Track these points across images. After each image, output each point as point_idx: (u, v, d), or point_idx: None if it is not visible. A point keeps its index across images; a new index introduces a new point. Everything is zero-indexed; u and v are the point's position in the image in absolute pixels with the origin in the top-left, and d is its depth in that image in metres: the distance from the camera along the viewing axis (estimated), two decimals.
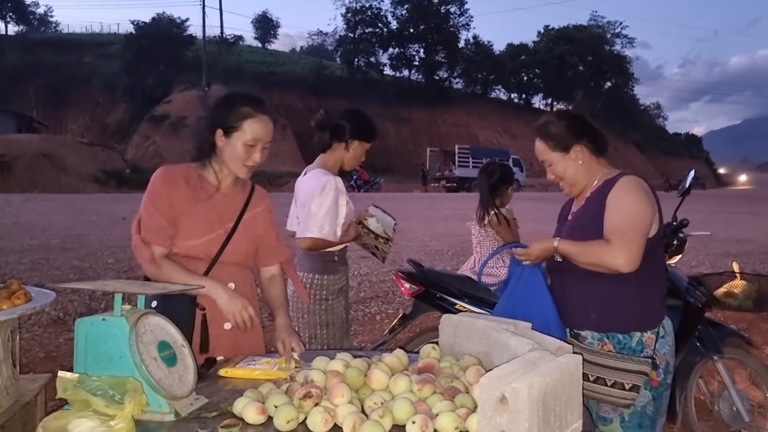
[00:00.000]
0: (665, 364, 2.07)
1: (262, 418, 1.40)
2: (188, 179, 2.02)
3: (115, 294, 1.50)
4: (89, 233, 11.49)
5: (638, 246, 1.95)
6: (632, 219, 1.97)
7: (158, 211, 1.97)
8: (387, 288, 7.15)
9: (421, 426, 1.29)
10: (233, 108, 1.98)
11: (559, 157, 2.17)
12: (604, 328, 2.10)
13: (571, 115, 2.22)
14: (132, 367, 1.41)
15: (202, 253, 2.02)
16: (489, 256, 2.80)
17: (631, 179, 2.06)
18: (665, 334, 2.07)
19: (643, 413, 2.05)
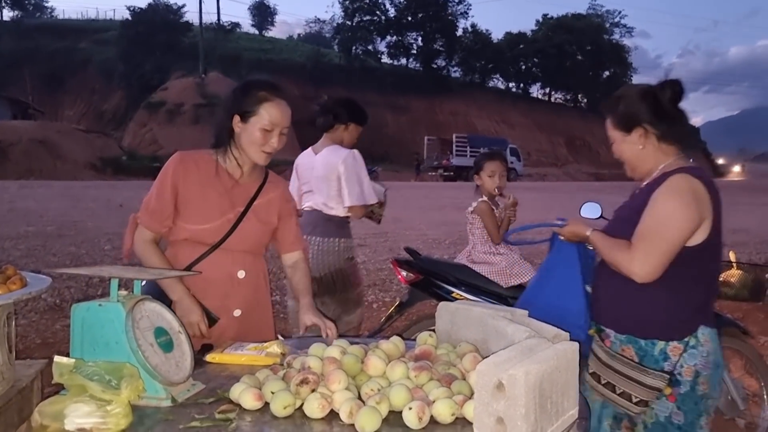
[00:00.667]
0: (693, 374, 1.87)
1: (259, 404, 1.40)
2: (203, 166, 2.04)
3: (111, 279, 1.49)
4: (86, 220, 11.47)
5: (660, 256, 1.80)
6: (662, 226, 1.81)
7: (158, 196, 2.00)
8: (384, 276, 7.16)
9: (417, 412, 1.29)
10: (250, 93, 1.99)
11: (620, 136, 2.02)
12: (624, 330, 1.97)
13: (642, 92, 1.97)
14: (128, 352, 1.41)
15: (211, 238, 2.03)
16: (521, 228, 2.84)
17: (681, 179, 1.85)
18: (697, 345, 1.87)
19: (668, 424, 1.90)
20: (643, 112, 1.94)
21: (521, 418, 1.14)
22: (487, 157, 3.47)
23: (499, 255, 3.35)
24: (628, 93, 2.00)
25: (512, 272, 3.30)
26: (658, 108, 1.93)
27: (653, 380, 1.88)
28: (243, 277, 2.09)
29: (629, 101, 1.98)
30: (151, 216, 2.01)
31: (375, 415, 1.29)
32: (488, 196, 3.40)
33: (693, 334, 1.88)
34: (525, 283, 3.27)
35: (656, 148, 1.97)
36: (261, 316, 2.17)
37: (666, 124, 1.94)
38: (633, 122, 1.97)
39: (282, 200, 2.20)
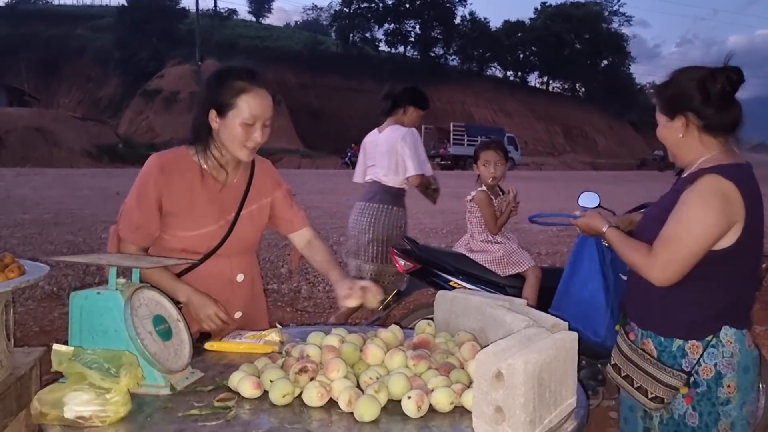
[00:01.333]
0: (713, 375, 1.82)
1: (258, 392, 1.40)
2: (186, 171, 1.90)
3: (110, 268, 1.49)
4: (82, 208, 11.44)
5: (680, 262, 1.74)
6: (686, 233, 1.74)
7: (141, 209, 1.86)
8: None
9: (416, 401, 1.30)
10: (225, 84, 1.82)
11: (663, 120, 1.91)
12: (644, 326, 1.95)
13: (693, 77, 1.82)
14: (127, 340, 1.41)
15: (204, 247, 1.92)
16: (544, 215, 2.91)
17: (711, 181, 1.75)
18: (718, 345, 1.82)
19: (681, 423, 1.87)
20: (688, 99, 1.82)
21: (520, 407, 1.14)
22: (483, 147, 3.47)
23: (496, 244, 3.35)
24: (679, 76, 1.88)
25: (510, 261, 3.30)
26: (706, 97, 1.80)
27: (670, 378, 1.84)
28: (242, 280, 2.03)
29: (677, 85, 1.86)
30: (136, 231, 1.87)
31: (374, 404, 1.30)
32: (487, 185, 3.40)
33: (715, 335, 1.83)
34: (523, 272, 3.27)
35: (696, 139, 1.85)
36: (258, 310, 2.14)
37: (712, 115, 1.81)
38: (676, 108, 1.86)
39: (273, 187, 2.09)
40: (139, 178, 1.89)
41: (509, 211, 3.37)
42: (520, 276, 3.29)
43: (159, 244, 1.93)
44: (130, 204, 1.88)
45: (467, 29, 64.53)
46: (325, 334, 1.66)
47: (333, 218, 11.15)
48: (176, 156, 1.92)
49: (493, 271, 3.32)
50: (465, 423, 1.28)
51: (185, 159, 1.92)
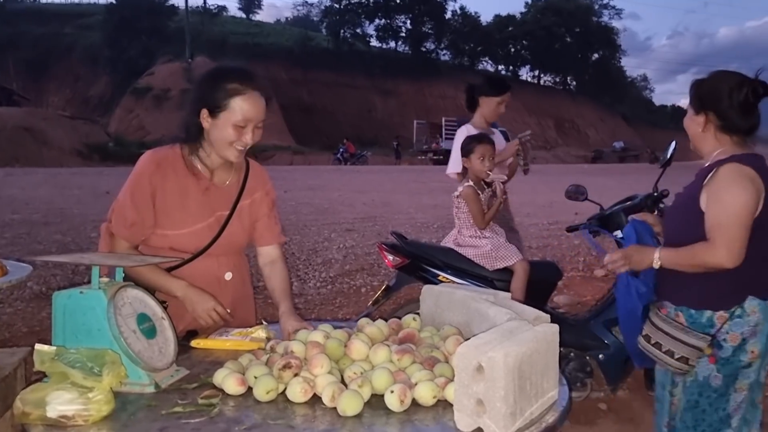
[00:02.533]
0: (739, 342, 2.00)
1: (242, 389, 1.40)
2: (179, 169, 1.89)
3: (92, 267, 1.48)
4: (72, 207, 11.38)
5: (740, 239, 1.91)
6: (733, 214, 1.92)
7: (136, 205, 1.84)
8: (372, 260, 7.17)
9: (399, 395, 1.30)
10: (219, 85, 1.79)
11: (691, 112, 2.13)
12: (677, 301, 2.12)
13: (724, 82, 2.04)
14: (110, 339, 1.41)
15: (193, 246, 1.92)
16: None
17: (732, 169, 1.96)
18: (743, 314, 2.00)
19: (705, 384, 2.05)
20: (714, 101, 2.04)
21: (500, 400, 1.15)
22: (477, 140, 3.43)
23: (484, 239, 3.35)
24: (715, 77, 2.09)
25: (497, 255, 3.31)
26: (730, 102, 2.01)
27: (695, 340, 2.00)
28: (230, 279, 2.03)
29: (709, 86, 2.07)
30: (130, 228, 1.85)
31: (357, 399, 1.30)
32: (475, 179, 3.39)
33: (740, 304, 2.01)
34: (511, 266, 3.28)
35: (713, 136, 2.08)
36: (246, 309, 2.14)
37: (731, 118, 2.03)
38: (702, 105, 2.07)
39: (262, 195, 2.08)
40: (134, 174, 1.88)
41: (497, 205, 3.37)
42: (508, 270, 3.30)
43: (147, 242, 1.92)
44: (123, 201, 1.87)
45: (458, 24, 64.50)
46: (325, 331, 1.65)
47: (325, 214, 11.15)
48: (170, 154, 1.91)
49: (482, 266, 3.33)
50: (448, 416, 1.28)
51: (179, 157, 1.91)
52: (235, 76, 1.81)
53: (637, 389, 3.70)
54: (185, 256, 1.92)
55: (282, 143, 35.80)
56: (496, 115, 3.97)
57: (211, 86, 1.81)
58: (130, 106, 42.01)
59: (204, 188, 1.93)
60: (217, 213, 1.95)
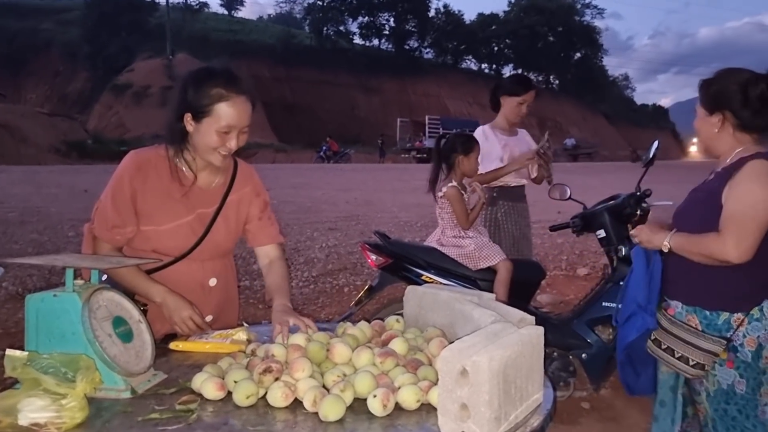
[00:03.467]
0: (757, 346, 1.95)
1: (222, 393, 1.37)
2: (162, 171, 1.84)
3: (66, 269, 1.44)
4: (49, 206, 11.19)
5: (752, 236, 1.86)
6: (749, 209, 1.87)
7: (116, 207, 1.80)
8: (355, 260, 7.14)
9: (382, 400, 1.28)
10: (203, 89, 1.73)
11: (702, 114, 2.08)
12: (692, 302, 2.06)
13: (736, 79, 1.99)
14: (85, 343, 1.37)
15: (174, 247, 1.87)
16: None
17: (758, 165, 1.91)
18: (762, 318, 1.94)
19: (731, 391, 1.99)
20: (728, 100, 1.99)
21: (485, 404, 1.13)
22: (473, 140, 3.44)
23: (468, 238, 3.34)
24: (723, 75, 2.03)
25: (481, 255, 3.29)
26: (745, 99, 1.96)
27: (710, 345, 1.95)
28: (214, 285, 1.98)
29: (721, 84, 2.01)
30: (111, 230, 1.81)
31: (339, 403, 1.28)
32: (459, 179, 3.37)
33: (758, 307, 1.95)
34: (494, 266, 3.27)
35: (730, 136, 2.02)
36: (230, 313, 2.09)
37: (748, 116, 1.98)
38: (716, 106, 2.02)
39: (252, 196, 2.02)
40: (115, 175, 1.83)
41: (480, 206, 3.36)
42: (491, 269, 3.30)
43: (130, 244, 1.88)
44: (105, 202, 1.82)
45: (441, 22, 64.57)
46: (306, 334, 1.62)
47: (307, 213, 11.10)
48: (154, 155, 1.87)
49: (465, 265, 3.32)
50: (431, 421, 1.26)
51: (162, 159, 1.87)
52: (220, 80, 1.74)
53: (620, 388, 3.70)
54: (169, 259, 1.87)
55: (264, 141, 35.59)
56: (517, 116, 3.87)
57: (195, 90, 1.74)
58: (109, 103, 41.47)
59: (192, 191, 1.89)
60: (198, 210, 1.89)
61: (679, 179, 20.58)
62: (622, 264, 3.29)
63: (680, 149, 77.01)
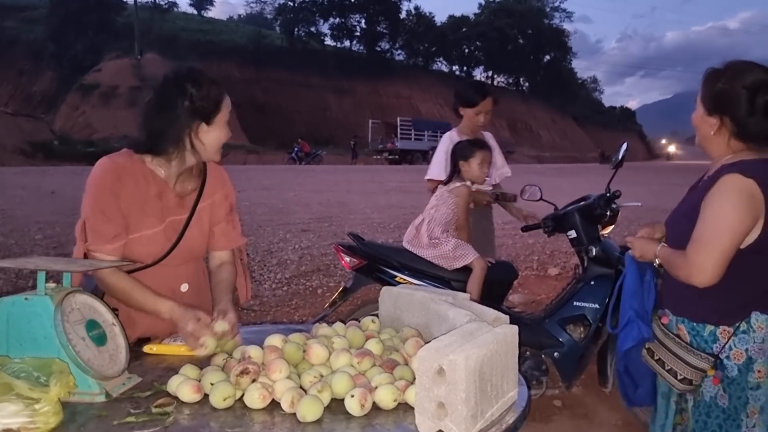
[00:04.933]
0: (744, 360, 1.89)
1: (198, 396, 1.36)
2: (137, 178, 1.82)
3: (38, 272, 1.42)
4: (14, 208, 10.95)
5: (715, 261, 1.78)
6: (716, 233, 1.79)
7: (108, 218, 1.76)
8: (328, 261, 7.14)
9: (360, 399, 1.29)
10: (204, 92, 1.77)
11: (701, 111, 1.93)
12: (678, 312, 2.04)
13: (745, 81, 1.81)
14: (58, 347, 1.35)
15: (145, 253, 1.84)
16: None
17: (733, 180, 1.80)
18: (749, 330, 1.88)
19: (713, 404, 1.95)
20: (732, 106, 1.84)
21: (462, 402, 1.15)
22: (477, 145, 3.43)
23: (450, 238, 3.36)
24: (733, 72, 1.86)
25: (455, 255, 3.32)
26: (751, 109, 1.81)
27: (699, 361, 1.92)
28: (186, 290, 1.96)
29: (728, 85, 1.84)
30: (114, 241, 1.76)
31: (316, 404, 1.29)
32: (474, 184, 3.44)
33: (745, 320, 1.89)
34: (469, 264, 3.30)
35: (725, 141, 1.90)
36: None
37: (748, 126, 1.84)
38: (717, 108, 1.88)
39: (221, 198, 2.02)
40: (95, 187, 1.77)
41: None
42: (464, 270, 3.32)
43: None
44: (93, 217, 1.76)
45: (412, 24, 64.88)
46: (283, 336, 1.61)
47: (279, 214, 11.04)
48: (128, 161, 1.83)
49: (440, 266, 3.34)
50: (409, 419, 1.28)
51: (138, 165, 1.84)
52: (208, 79, 1.81)
53: (591, 385, 3.78)
54: (140, 265, 1.85)
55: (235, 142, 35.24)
56: (476, 125, 3.79)
57: (200, 97, 1.76)
58: (76, 104, 40.67)
59: (168, 197, 1.87)
60: (170, 218, 1.87)
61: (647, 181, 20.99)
62: (592, 264, 3.35)
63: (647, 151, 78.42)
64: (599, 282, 3.29)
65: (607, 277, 3.23)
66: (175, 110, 1.76)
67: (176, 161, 1.85)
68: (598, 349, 3.36)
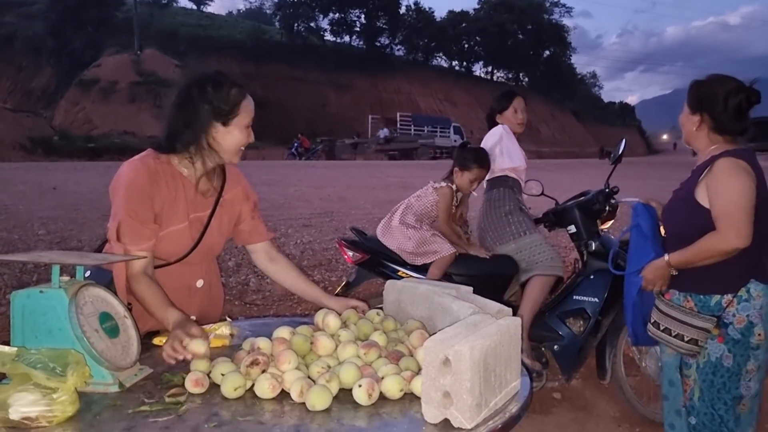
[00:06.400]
0: (746, 324, 2.16)
1: (200, 389, 1.40)
2: (168, 179, 1.87)
3: (53, 265, 1.46)
4: (17, 203, 10.96)
5: (744, 222, 2.07)
6: (733, 200, 2.08)
7: (142, 220, 1.80)
8: (330, 256, 7.17)
9: (367, 389, 1.33)
10: (223, 94, 1.82)
11: (687, 110, 2.31)
12: (684, 288, 2.30)
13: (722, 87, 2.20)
14: (73, 339, 1.39)
15: (169, 251, 1.90)
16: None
17: (726, 163, 2.14)
18: (750, 298, 2.17)
19: (718, 364, 2.20)
20: (711, 104, 2.21)
21: (466, 392, 1.19)
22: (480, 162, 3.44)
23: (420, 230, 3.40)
24: (712, 81, 2.25)
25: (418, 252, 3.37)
26: (725, 107, 2.18)
27: (702, 322, 2.17)
28: (201, 286, 2.03)
29: (708, 89, 2.24)
30: (150, 241, 1.81)
31: (325, 393, 1.32)
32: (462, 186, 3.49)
33: (745, 288, 2.17)
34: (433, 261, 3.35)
35: (706, 135, 2.26)
36: (213, 312, 2.11)
37: (723, 121, 2.21)
38: (698, 107, 2.26)
39: (243, 198, 2.09)
40: (128, 189, 1.81)
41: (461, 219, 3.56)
42: (468, 264, 3.36)
43: None
44: (129, 220, 1.79)
45: (412, 19, 64.67)
46: (290, 328, 1.66)
47: (280, 210, 11.07)
48: (157, 163, 1.88)
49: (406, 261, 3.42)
50: (414, 408, 1.32)
51: (166, 166, 1.89)
52: (229, 81, 1.85)
53: (589, 378, 3.82)
54: (162, 262, 1.90)
55: None
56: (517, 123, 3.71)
57: (218, 99, 1.82)
58: (75, 99, 40.56)
59: (194, 197, 1.93)
60: (192, 215, 1.93)
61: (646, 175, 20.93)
62: (592, 258, 3.39)
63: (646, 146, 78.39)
64: (598, 276, 3.33)
65: (606, 271, 3.27)
66: (194, 110, 1.81)
67: (199, 162, 1.90)
68: (597, 343, 3.40)
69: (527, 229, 3.40)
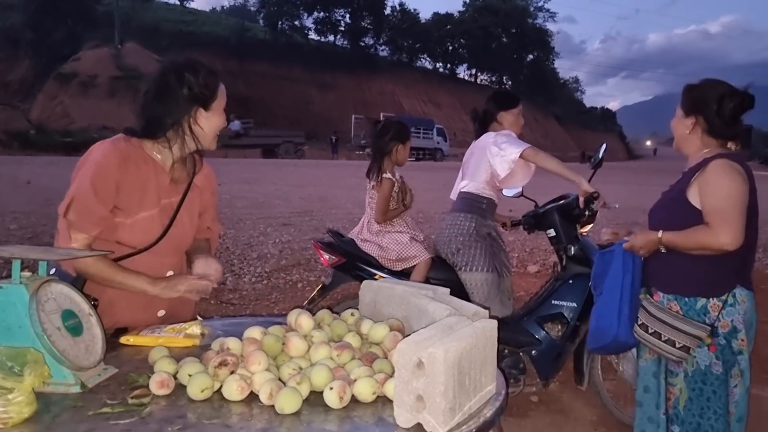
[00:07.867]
0: (729, 329, 2.15)
1: (165, 390, 1.35)
2: (139, 163, 1.83)
3: (13, 260, 1.40)
4: None
5: (736, 222, 2.05)
6: (727, 199, 2.07)
7: (101, 199, 1.75)
8: (309, 255, 7.12)
9: (338, 392, 1.29)
10: (202, 79, 1.82)
11: (679, 114, 2.30)
12: (670, 291, 2.26)
13: (715, 91, 2.20)
14: (32, 337, 1.33)
15: (138, 239, 1.85)
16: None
17: (721, 163, 2.13)
18: (735, 303, 2.16)
19: (707, 372, 2.18)
20: (705, 106, 2.21)
21: (440, 395, 1.15)
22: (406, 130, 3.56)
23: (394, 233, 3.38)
24: (706, 85, 2.26)
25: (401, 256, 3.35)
26: (719, 110, 2.18)
27: (696, 330, 2.13)
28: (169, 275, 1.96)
29: (703, 92, 2.24)
30: (99, 223, 1.76)
31: (295, 396, 1.28)
32: (391, 169, 3.50)
33: (731, 293, 2.16)
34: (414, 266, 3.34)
35: (699, 138, 2.25)
36: (183, 309, 2.05)
37: (717, 124, 2.20)
38: (692, 110, 2.25)
39: (210, 195, 2.08)
40: (95, 167, 1.76)
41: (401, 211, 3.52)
42: (446, 269, 3.34)
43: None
44: (85, 194, 1.74)
45: (397, 20, 64.85)
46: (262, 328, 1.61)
47: (260, 208, 10.99)
48: (128, 146, 1.84)
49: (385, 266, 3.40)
50: (387, 412, 1.28)
51: (138, 150, 1.86)
52: (205, 67, 1.86)
53: (567, 382, 3.82)
54: (129, 251, 1.85)
55: None
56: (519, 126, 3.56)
57: (198, 84, 1.82)
58: (53, 93, 39.94)
59: (165, 183, 1.90)
60: (163, 201, 1.90)
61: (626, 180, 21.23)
62: (571, 263, 3.38)
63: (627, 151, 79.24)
64: (577, 281, 3.32)
65: (585, 276, 3.26)
66: (174, 97, 1.81)
67: (176, 147, 1.88)
68: (575, 348, 3.39)
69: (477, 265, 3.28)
